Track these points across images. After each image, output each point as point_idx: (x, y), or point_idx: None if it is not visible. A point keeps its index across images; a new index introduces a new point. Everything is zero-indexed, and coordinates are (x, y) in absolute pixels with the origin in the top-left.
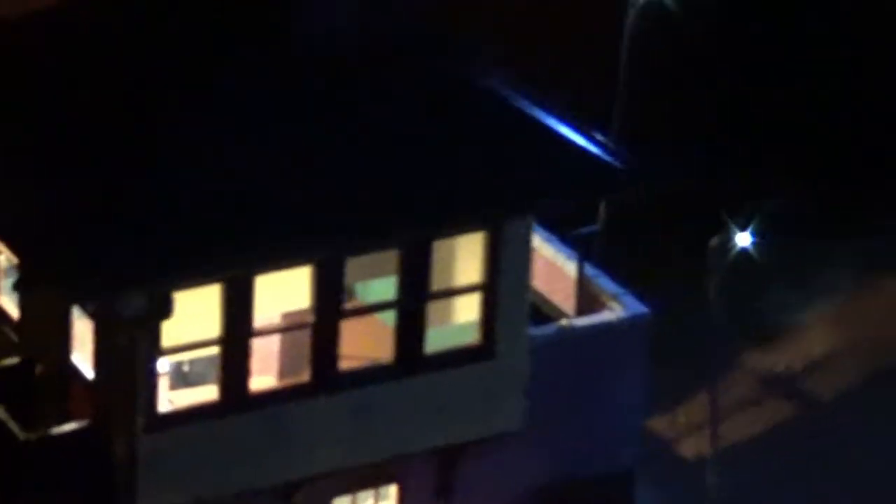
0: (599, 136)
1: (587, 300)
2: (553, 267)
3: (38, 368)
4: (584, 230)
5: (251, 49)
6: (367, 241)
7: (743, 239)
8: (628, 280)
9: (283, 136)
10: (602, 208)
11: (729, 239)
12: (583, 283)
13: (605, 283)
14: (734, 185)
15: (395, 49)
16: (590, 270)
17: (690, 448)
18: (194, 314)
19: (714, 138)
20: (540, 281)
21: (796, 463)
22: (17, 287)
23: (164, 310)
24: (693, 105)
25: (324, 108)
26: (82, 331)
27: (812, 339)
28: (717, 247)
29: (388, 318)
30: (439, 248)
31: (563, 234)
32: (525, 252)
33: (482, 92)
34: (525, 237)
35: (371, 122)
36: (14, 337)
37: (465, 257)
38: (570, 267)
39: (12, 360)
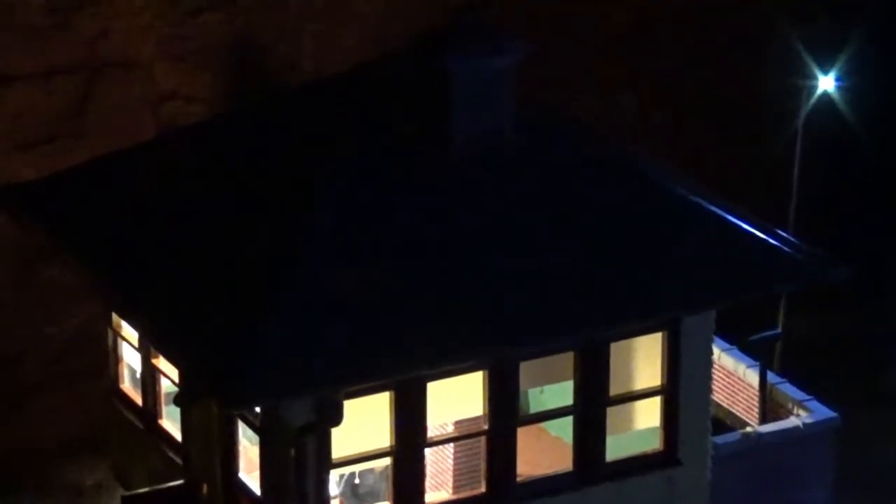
0: (777, 230)
1: (771, 408)
2: (734, 377)
3: (204, 489)
4: (766, 334)
5: (411, 151)
6: (544, 343)
7: None
8: (814, 381)
9: (452, 237)
10: (781, 312)
11: None
12: (766, 391)
13: (789, 390)
14: None
15: (557, 145)
16: (773, 377)
17: None
18: (364, 424)
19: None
20: (721, 392)
21: None
22: (178, 401)
23: (334, 417)
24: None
25: (492, 206)
26: (248, 448)
27: None
28: None
29: (561, 431)
30: (617, 350)
31: (743, 341)
32: (707, 352)
33: (654, 185)
34: (706, 336)
35: (541, 219)
36: (178, 459)
37: (644, 359)
38: (751, 376)
39: (177, 483)
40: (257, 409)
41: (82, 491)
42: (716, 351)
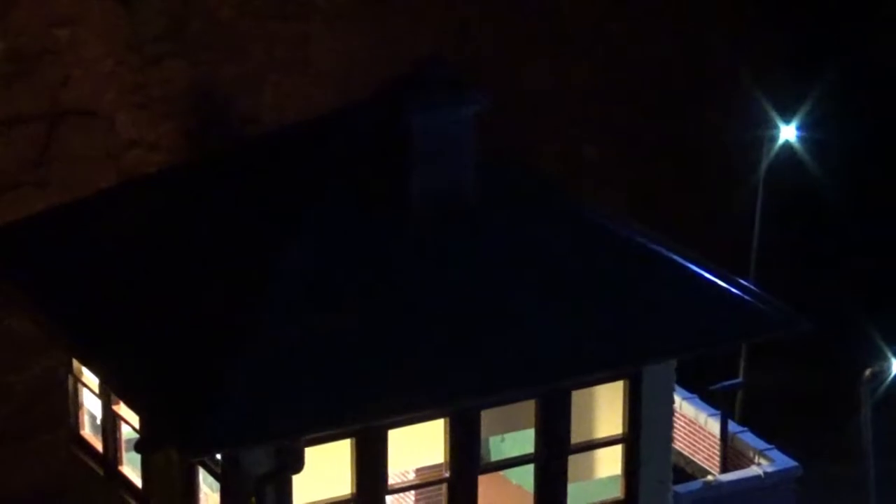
0: (740, 280)
1: (733, 457)
2: (695, 426)
3: None
4: (728, 383)
5: (372, 205)
6: (504, 391)
7: None
8: (774, 432)
9: (413, 286)
10: (742, 360)
11: (883, 369)
12: (727, 440)
13: (750, 439)
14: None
15: (518, 196)
16: (734, 426)
17: None
18: (325, 471)
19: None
20: (682, 441)
21: None
22: (138, 448)
23: (295, 464)
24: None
25: (454, 257)
26: (209, 495)
27: None
28: (869, 378)
29: (522, 479)
30: (578, 397)
31: (705, 390)
32: (668, 400)
33: (616, 236)
34: (668, 385)
35: (502, 271)
36: None
37: (605, 407)
38: (712, 424)
39: None
40: (218, 457)
41: None
42: (677, 399)
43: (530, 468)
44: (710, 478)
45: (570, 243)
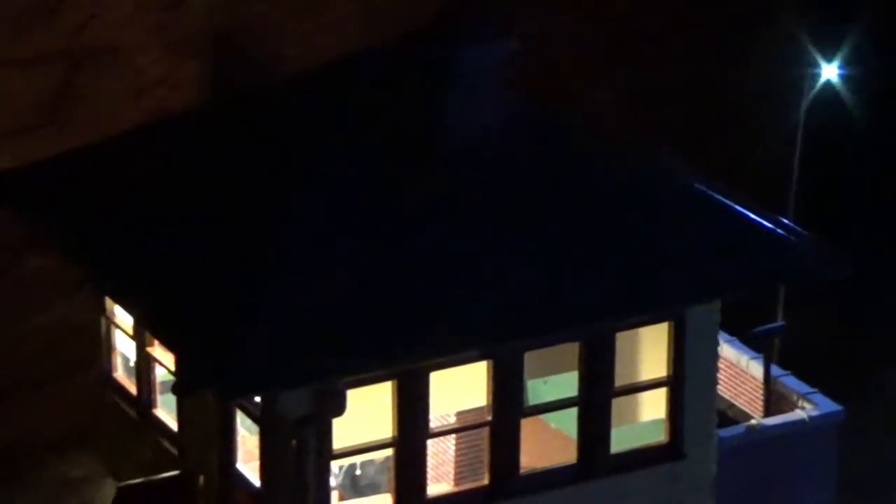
0: (784, 221)
1: (775, 401)
2: (736, 369)
3: (201, 480)
4: (770, 326)
5: (403, 144)
6: (549, 332)
7: None
8: (811, 378)
9: (453, 229)
10: (781, 305)
11: None
12: (769, 384)
13: (793, 383)
14: None
15: (554, 137)
16: (776, 370)
17: None
18: (366, 414)
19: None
20: (723, 384)
21: None
22: (175, 390)
23: (337, 407)
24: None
25: (489, 197)
26: (247, 438)
27: None
28: None
29: (561, 423)
30: (622, 340)
31: (746, 333)
32: (713, 343)
33: (657, 175)
34: (712, 327)
35: (542, 211)
36: (173, 449)
37: (650, 350)
38: (754, 368)
39: (172, 473)
40: (257, 399)
41: (68, 484)
42: (721, 344)
43: (570, 412)
44: (753, 422)
45: (610, 183)
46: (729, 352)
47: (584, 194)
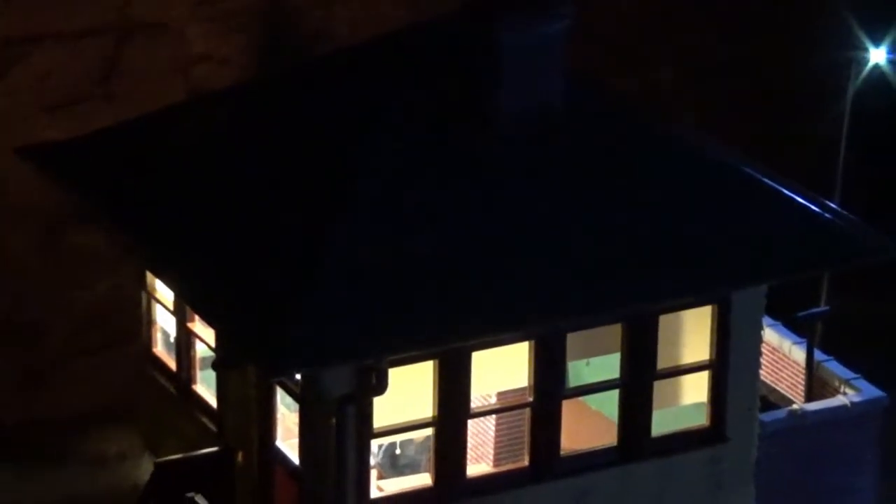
0: (831, 205)
1: (817, 386)
2: (778, 353)
3: (240, 457)
4: (814, 311)
5: (455, 122)
6: (592, 314)
7: None
8: (854, 364)
9: (499, 209)
10: (825, 290)
11: None
12: (812, 369)
13: (836, 368)
14: None
15: (606, 119)
16: (819, 355)
17: None
18: (406, 393)
19: None
20: (765, 368)
21: None
22: (216, 367)
23: (378, 386)
24: None
25: (541, 176)
26: (286, 415)
27: None
28: None
29: (602, 405)
30: (665, 323)
31: (790, 317)
32: (757, 326)
33: (705, 159)
34: (757, 311)
35: (591, 192)
36: (212, 426)
37: (693, 333)
38: (796, 352)
39: (211, 450)
40: (297, 377)
41: (106, 460)
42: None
43: (612, 394)
44: (794, 407)
45: (660, 165)
46: (771, 336)
47: (635, 176)
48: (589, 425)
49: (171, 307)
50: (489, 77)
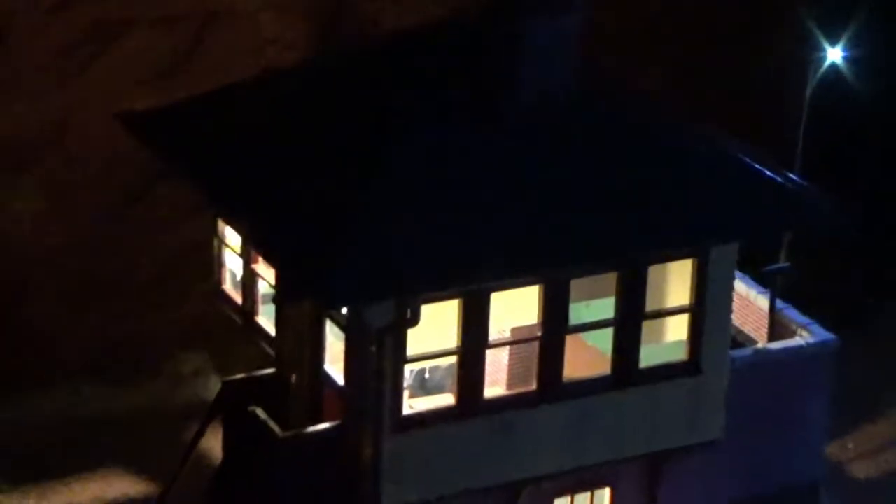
0: (796, 178)
1: (778, 329)
2: (746, 301)
3: (294, 378)
4: (778, 266)
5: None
6: (594, 263)
7: None
8: (810, 309)
9: (518, 174)
10: (785, 249)
11: None
12: (774, 315)
13: (794, 315)
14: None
15: (607, 101)
16: (779, 304)
17: (861, 471)
18: (435, 327)
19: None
20: (735, 314)
21: None
22: (276, 300)
23: (413, 319)
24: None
25: (551, 153)
26: (333, 343)
27: None
28: None
29: (599, 342)
30: (653, 273)
31: (758, 271)
32: (730, 278)
33: (696, 141)
34: (731, 265)
35: (597, 163)
36: (271, 351)
37: (676, 282)
38: (761, 301)
39: (269, 371)
40: (343, 311)
41: (182, 378)
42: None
43: (607, 332)
44: (759, 346)
45: (656, 144)
46: (740, 287)
47: (634, 152)
48: (586, 358)
49: (238, 251)
50: (511, 64)
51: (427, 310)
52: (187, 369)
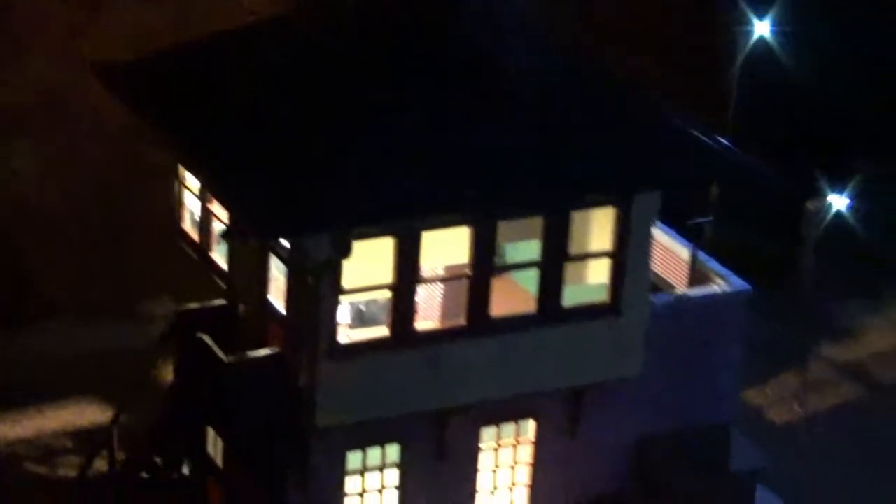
0: (717, 136)
1: (698, 278)
2: (669, 252)
3: (241, 308)
4: (700, 220)
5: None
6: (520, 206)
7: (837, 202)
8: (733, 265)
9: (458, 126)
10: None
11: (824, 202)
12: (695, 264)
13: (713, 265)
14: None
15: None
16: (701, 255)
17: (779, 415)
18: (371, 263)
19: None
20: (658, 263)
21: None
22: (225, 236)
23: (345, 251)
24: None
25: (491, 107)
26: (277, 277)
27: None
28: (813, 210)
29: (528, 282)
30: (577, 218)
31: (681, 223)
32: (649, 226)
33: (623, 98)
34: (651, 214)
35: (528, 117)
36: (222, 284)
37: (598, 228)
38: (683, 252)
39: (219, 301)
40: (287, 246)
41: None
42: (658, 230)
43: (533, 272)
44: (679, 291)
45: (598, 106)
46: (665, 238)
47: (571, 109)
48: (516, 297)
49: (196, 192)
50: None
51: (365, 247)
52: (159, 310)
